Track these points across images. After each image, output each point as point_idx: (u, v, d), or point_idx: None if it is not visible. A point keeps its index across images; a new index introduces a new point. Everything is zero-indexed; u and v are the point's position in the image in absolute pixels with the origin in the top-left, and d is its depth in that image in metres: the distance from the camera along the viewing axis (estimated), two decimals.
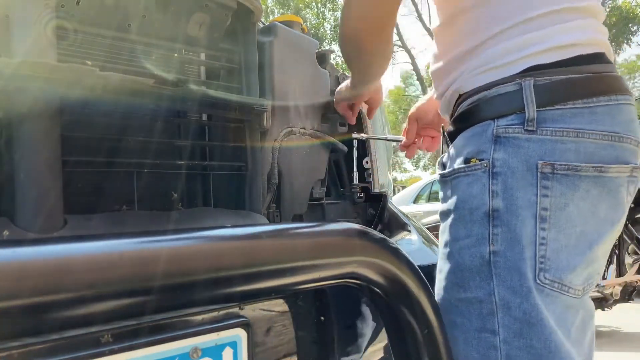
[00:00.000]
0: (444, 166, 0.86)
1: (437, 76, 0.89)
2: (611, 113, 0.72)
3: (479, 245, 0.75)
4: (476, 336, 0.74)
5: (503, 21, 0.76)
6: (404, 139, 1.15)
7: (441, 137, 1.00)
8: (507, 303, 0.72)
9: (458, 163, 0.79)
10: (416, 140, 1.14)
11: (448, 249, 0.80)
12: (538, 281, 0.71)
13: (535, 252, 0.71)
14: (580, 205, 0.71)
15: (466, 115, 0.80)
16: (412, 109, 1.14)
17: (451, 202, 0.80)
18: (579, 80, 0.72)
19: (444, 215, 0.82)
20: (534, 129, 0.72)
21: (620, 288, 3.55)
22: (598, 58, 0.75)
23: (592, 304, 0.79)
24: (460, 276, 0.76)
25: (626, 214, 0.77)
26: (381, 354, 0.99)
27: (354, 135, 1.19)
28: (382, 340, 0.99)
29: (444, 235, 0.81)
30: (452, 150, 0.82)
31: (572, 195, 0.71)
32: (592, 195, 0.72)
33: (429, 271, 1.10)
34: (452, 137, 0.84)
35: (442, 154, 0.90)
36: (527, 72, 0.74)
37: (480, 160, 0.75)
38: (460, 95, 0.82)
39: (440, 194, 0.86)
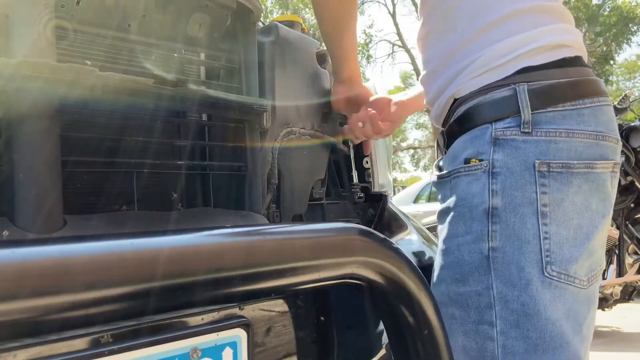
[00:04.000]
0: (440, 169, 0.89)
1: (426, 81, 0.92)
2: (595, 114, 0.77)
3: (478, 241, 0.77)
4: (474, 328, 0.78)
5: (482, 17, 0.80)
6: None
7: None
8: (504, 296, 0.75)
9: (457, 164, 0.82)
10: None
11: (447, 245, 0.82)
12: (546, 274, 0.74)
13: (540, 246, 0.74)
14: (575, 200, 0.76)
15: (463, 119, 0.83)
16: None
17: (450, 201, 0.82)
18: (567, 83, 0.77)
19: (443, 213, 0.85)
20: (530, 130, 0.76)
21: (621, 288, 3.56)
22: (579, 61, 0.81)
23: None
24: (459, 271, 0.79)
25: (613, 206, 0.82)
26: (381, 354, 0.99)
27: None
28: (382, 340, 0.98)
29: (442, 233, 0.84)
30: (450, 152, 0.85)
31: (567, 191, 0.75)
32: (584, 190, 0.76)
33: (429, 271, 1.10)
34: (449, 140, 0.86)
35: (437, 157, 0.94)
36: (519, 75, 0.78)
37: (480, 160, 0.78)
38: (455, 100, 0.85)
39: (439, 195, 0.88)
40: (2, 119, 0.65)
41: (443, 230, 0.84)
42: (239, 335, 0.66)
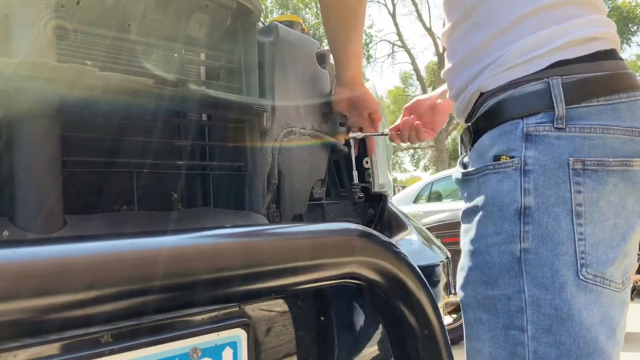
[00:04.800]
0: (465, 166, 0.85)
1: (450, 75, 0.89)
2: (631, 109, 0.74)
3: (508, 242, 0.74)
4: (503, 333, 0.74)
5: (511, 10, 0.77)
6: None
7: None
8: (536, 300, 0.72)
9: (485, 161, 0.79)
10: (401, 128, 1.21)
11: (475, 246, 0.79)
12: (581, 277, 0.71)
13: (575, 248, 0.71)
14: (611, 199, 0.73)
15: (491, 114, 0.80)
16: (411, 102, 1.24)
17: (478, 200, 0.79)
18: (601, 77, 0.74)
19: (470, 212, 0.81)
20: (564, 126, 0.73)
21: None
22: (613, 54, 0.77)
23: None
24: (488, 273, 0.76)
25: None
26: (381, 354, 0.99)
27: (351, 134, 1.19)
28: (382, 340, 0.98)
29: (469, 233, 0.81)
30: (476, 149, 0.82)
31: (602, 189, 0.72)
32: (620, 189, 0.73)
33: (429, 271, 1.10)
34: (475, 135, 0.83)
35: (461, 154, 0.90)
36: (552, 69, 0.75)
37: (511, 157, 0.75)
38: (481, 94, 0.82)
39: (464, 194, 0.85)
40: (2, 119, 0.65)
41: (470, 230, 0.80)
42: (239, 335, 0.66)
